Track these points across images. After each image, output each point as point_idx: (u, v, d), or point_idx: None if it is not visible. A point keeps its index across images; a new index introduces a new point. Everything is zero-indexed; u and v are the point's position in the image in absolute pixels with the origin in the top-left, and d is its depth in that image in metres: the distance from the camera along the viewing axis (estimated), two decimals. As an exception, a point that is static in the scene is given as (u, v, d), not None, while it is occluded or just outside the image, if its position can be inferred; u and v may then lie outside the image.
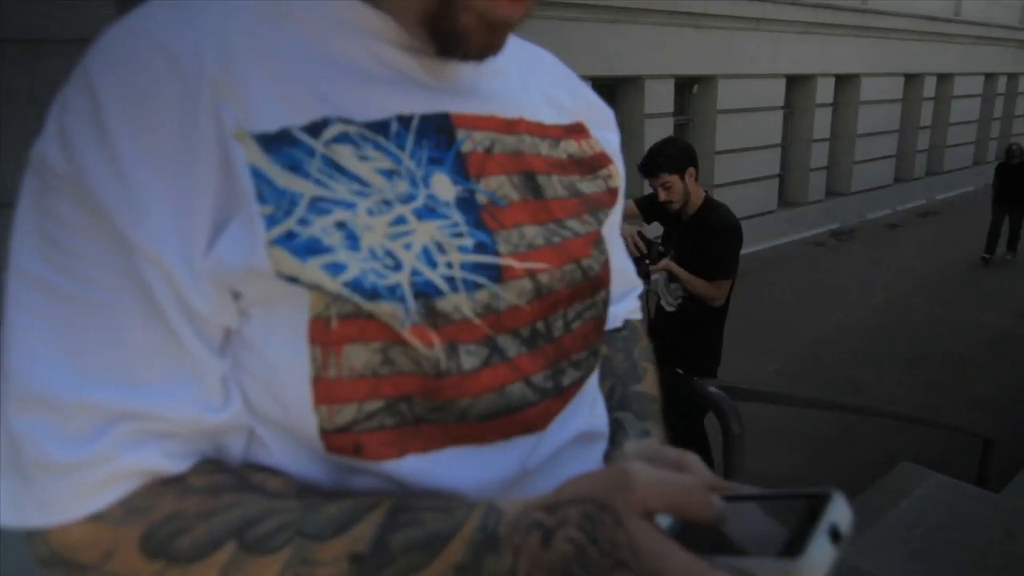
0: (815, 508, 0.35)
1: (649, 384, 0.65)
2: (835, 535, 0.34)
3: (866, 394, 4.66)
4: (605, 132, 0.63)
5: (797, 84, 9.51)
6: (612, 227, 0.61)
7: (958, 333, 5.99)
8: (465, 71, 0.50)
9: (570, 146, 0.57)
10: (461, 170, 0.47)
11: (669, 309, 2.69)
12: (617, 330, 0.70)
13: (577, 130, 0.59)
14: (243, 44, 0.42)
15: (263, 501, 0.40)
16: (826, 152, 10.35)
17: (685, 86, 8.11)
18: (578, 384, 0.53)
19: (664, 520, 0.41)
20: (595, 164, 0.59)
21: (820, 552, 0.34)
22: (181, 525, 0.38)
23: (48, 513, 0.38)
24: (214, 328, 0.41)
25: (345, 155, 0.43)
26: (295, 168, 0.41)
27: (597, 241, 0.55)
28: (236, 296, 0.41)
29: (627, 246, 2.60)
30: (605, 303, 0.56)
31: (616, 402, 0.62)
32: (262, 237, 0.39)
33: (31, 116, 2.06)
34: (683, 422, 2.69)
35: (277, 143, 0.41)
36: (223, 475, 0.41)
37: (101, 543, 0.38)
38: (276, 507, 0.40)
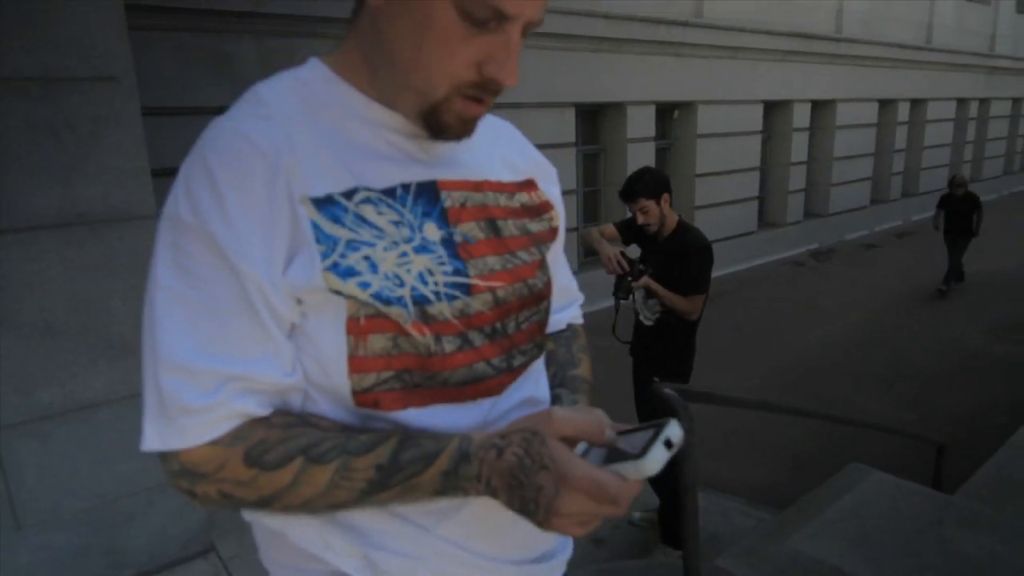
0: (660, 431, 0.58)
1: (583, 370, 0.88)
2: (669, 444, 0.57)
3: (843, 409, 4.82)
4: (550, 186, 0.86)
5: (774, 109, 9.79)
6: (555, 255, 0.84)
7: (932, 351, 6.17)
8: (447, 148, 0.72)
9: (523, 197, 0.80)
10: (444, 219, 0.69)
11: (647, 323, 2.88)
12: (561, 331, 0.92)
13: (528, 185, 0.82)
14: (301, 136, 0.65)
15: (319, 432, 0.62)
16: (804, 175, 10.60)
17: (666, 112, 8.36)
18: (524, 366, 0.75)
19: (579, 449, 0.64)
20: (541, 210, 0.81)
21: (657, 454, 0.57)
22: (268, 446, 0.60)
23: (183, 440, 0.60)
24: (287, 323, 0.63)
25: (368, 212, 0.65)
26: (336, 220, 0.63)
27: (542, 265, 0.78)
28: (299, 302, 0.63)
29: (611, 265, 2.82)
30: (547, 310, 0.79)
31: (556, 382, 0.85)
32: (319, 266, 0.62)
33: (52, 149, 2.23)
34: None
35: (325, 204, 0.63)
36: (292, 417, 0.64)
37: (216, 459, 0.60)
38: (328, 436, 0.62)
